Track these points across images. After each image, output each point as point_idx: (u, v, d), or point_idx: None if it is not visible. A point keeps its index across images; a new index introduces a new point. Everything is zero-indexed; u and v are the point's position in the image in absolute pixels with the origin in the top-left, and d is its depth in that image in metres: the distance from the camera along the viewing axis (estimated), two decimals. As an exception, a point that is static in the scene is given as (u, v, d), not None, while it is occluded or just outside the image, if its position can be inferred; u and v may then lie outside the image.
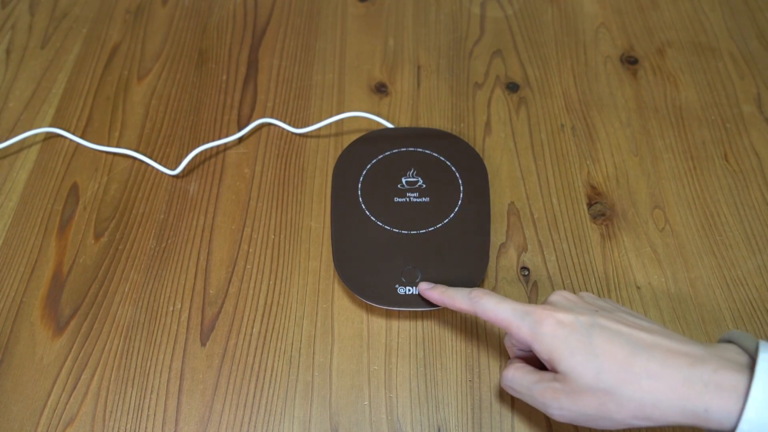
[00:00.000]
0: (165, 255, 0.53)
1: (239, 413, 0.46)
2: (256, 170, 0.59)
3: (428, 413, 0.46)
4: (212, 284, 0.52)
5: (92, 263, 0.53)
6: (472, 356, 0.48)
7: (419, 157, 0.57)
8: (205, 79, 0.65)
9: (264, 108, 0.63)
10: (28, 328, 0.49)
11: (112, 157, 0.59)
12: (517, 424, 0.45)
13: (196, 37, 0.69)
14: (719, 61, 0.67)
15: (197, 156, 0.59)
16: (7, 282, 0.52)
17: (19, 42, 0.69)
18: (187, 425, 0.45)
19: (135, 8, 0.72)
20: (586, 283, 0.52)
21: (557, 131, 0.61)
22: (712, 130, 0.61)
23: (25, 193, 0.57)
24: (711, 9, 0.72)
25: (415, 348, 0.49)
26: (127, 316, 0.50)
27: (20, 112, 0.63)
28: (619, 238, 0.54)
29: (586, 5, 0.72)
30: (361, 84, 0.65)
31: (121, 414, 0.46)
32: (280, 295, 0.51)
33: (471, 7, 0.72)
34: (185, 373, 0.48)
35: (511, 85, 0.65)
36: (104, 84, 0.65)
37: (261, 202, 0.56)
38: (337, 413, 0.46)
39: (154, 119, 0.62)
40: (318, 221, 0.55)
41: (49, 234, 0.54)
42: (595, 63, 0.67)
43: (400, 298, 0.49)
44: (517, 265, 0.53)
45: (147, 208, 0.56)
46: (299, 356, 0.48)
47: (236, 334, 0.49)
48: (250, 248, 0.54)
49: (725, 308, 0.50)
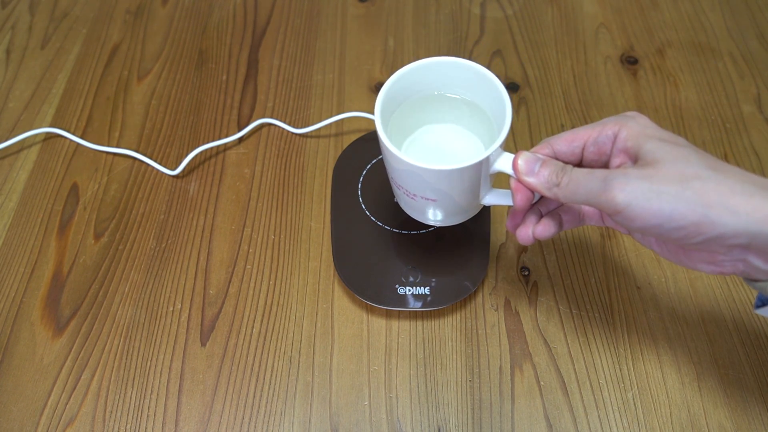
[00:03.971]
0: (165, 255, 0.53)
1: (239, 413, 0.46)
2: (256, 170, 0.59)
3: (428, 413, 0.46)
4: (212, 284, 0.52)
5: (92, 263, 0.53)
6: (472, 356, 0.48)
7: (419, 157, 0.57)
8: (205, 79, 0.65)
9: (264, 108, 0.63)
10: (28, 328, 0.49)
11: (112, 157, 0.59)
12: (517, 424, 0.45)
13: (196, 37, 0.69)
14: (719, 61, 0.67)
15: (197, 156, 0.59)
16: (7, 282, 0.52)
17: (19, 42, 0.69)
18: (187, 425, 0.45)
19: (135, 8, 0.72)
20: (586, 283, 0.52)
21: (557, 131, 0.61)
22: (712, 130, 0.61)
23: (25, 193, 0.57)
24: (711, 9, 0.72)
25: (415, 348, 0.49)
26: (127, 317, 0.50)
27: (20, 112, 0.63)
28: (619, 238, 0.54)
29: (586, 5, 0.72)
30: (361, 84, 0.65)
31: (121, 414, 0.46)
32: (280, 295, 0.51)
33: (471, 7, 0.72)
34: (185, 373, 0.48)
35: (511, 85, 0.65)
36: (104, 84, 0.65)
37: (261, 202, 0.56)
38: (337, 413, 0.46)
39: (154, 119, 0.62)
40: (318, 221, 0.55)
41: (49, 234, 0.54)
42: (595, 63, 0.67)
43: (400, 298, 0.49)
44: (517, 265, 0.53)
45: (147, 208, 0.56)
46: (299, 356, 0.48)
47: (236, 334, 0.49)
48: (250, 248, 0.54)
49: (725, 308, 0.50)
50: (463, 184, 0.41)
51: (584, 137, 0.38)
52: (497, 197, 0.44)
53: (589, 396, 0.46)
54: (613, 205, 0.34)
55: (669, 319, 0.50)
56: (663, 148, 0.34)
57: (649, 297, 0.51)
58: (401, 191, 0.45)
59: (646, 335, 0.49)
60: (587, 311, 0.50)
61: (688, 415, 0.45)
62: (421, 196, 0.43)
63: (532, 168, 0.38)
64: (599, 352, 0.48)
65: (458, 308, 0.50)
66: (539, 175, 0.37)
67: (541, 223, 0.41)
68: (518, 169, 0.38)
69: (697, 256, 0.36)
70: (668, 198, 0.32)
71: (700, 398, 0.46)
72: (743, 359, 0.48)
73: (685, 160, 0.33)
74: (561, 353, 0.48)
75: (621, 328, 0.49)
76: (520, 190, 0.39)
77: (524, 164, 0.38)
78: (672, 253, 0.38)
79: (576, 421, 0.45)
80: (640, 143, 0.35)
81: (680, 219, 0.32)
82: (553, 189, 0.37)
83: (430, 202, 0.44)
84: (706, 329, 0.49)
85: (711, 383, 0.47)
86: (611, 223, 0.41)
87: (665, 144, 0.34)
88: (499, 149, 0.39)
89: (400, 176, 0.43)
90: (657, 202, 0.33)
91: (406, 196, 0.45)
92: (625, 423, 0.45)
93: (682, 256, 0.37)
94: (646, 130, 0.35)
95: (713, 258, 0.35)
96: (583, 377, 0.47)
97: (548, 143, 0.39)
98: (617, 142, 0.36)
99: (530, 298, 0.51)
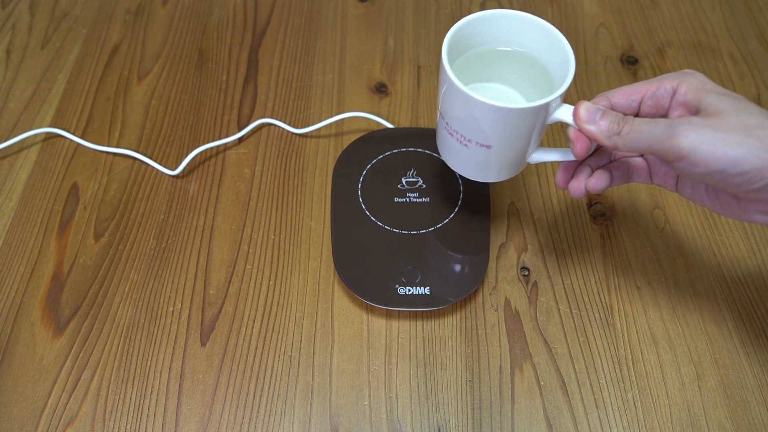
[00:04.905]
0: (165, 255, 0.53)
1: (239, 413, 0.46)
2: (256, 170, 0.59)
3: (428, 413, 0.46)
4: (212, 284, 0.52)
5: (92, 263, 0.53)
6: (472, 356, 0.48)
7: (419, 157, 0.57)
8: (205, 79, 0.65)
9: (264, 108, 0.63)
10: (28, 328, 0.49)
11: (112, 157, 0.59)
12: (517, 424, 0.45)
13: (196, 37, 0.69)
14: (719, 61, 0.67)
15: (197, 156, 0.59)
16: (7, 282, 0.52)
17: (19, 42, 0.69)
18: (187, 425, 0.45)
19: (135, 8, 0.72)
20: (586, 283, 0.52)
21: (558, 131, 0.61)
22: (712, 130, 0.61)
23: (25, 193, 0.57)
24: (711, 9, 0.72)
25: (415, 348, 0.49)
26: (127, 317, 0.50)
27: (20, 112, 0.63)
28: (619, 238, 0.54)
29: (586, 5, 0.72)
30: (361, 84, 0.65)
31: (121, 414, 0.46)
32: (280, 295, 0.51)
33: (471, 7, 0.72)
34: (185, 373, 0.48)
35: (511, 85, 0.65)
36: (104, 84, 0.65)
37: (261, 202, 0.56)
38: (337, 413, 0.46)
39: (154, 119, 0.62)
40: (318, 221, 0.55)
41: (49, 234, 0.54)
42: (595, 63, 0.67)
43: (400, 298, 0.49)
44: (517, 265, 0.53)
45: (147, 208, 0.56)
46: (299, 356, 0.48)
47: (236, 334, 0.49)
48: (250, 248, 0.54)
49: (725, 308, 0.50)
50: (520, 130, 0.42)
51: (642, 91, 0.39)
52: (546, 154, 0.46)
53: (589, 396, 0.46)
54: (677, 150, 0.35)
55: (669, 319, 0.50)
56: (725, 101, 0.35)
57: (649, 297, 0.51)
58: (454, 138, 0.45)
59: (646, 335, 0.49)
60: (587, 311, 0.50)
61: (688, 415, 0.45)
62: (476, 142, 0.43)
63: (594, 117, 0.39)
64: (599, 352, 0.48)
65: (458, 308, 0.50)
66: (600, 124, 0.38)
67: (594, 176, 0.42)
68: (580, 117, 0.39)
69: (753, 207, 0.37)
70: (733, 144, 0.34)
71: (700, 398, 0.46)
72: (743, 359, 0.48)
73: (747, 112, 0.35)
74: (561, 353, 0.48)
75: (621, 328, 0.49)
76: (581, 140, 0.40)
77: (585, 113, 0.39)
78: (724, 206, 0.39)
79: (576, 421, 0.45)
80: (701, 96, 0.36)
81: (744, 164, 0.34)
82: (613, 138, 0.38)
83: (484, 150, 0.44)
84: (706, 329, 0.49)
85: (711, 383, 0.47)
86: (660, 179, 0.43)
87: (726, 97, 0.36)
88: (560, 99, 0.41)
89: (460, 118, 0.43)
90: (722, 147, 0.34)
91: (459, 144, 0.45)
92: (625, 423, 0.45)
93: (736, 207, 0.38)
94: (705, 85, 0.37)
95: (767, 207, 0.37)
96: (583, 377, 0.47)
97: (605, 96, 0.40)
98: (677, 95, 0.38)
99: (530, 298, 0.51)
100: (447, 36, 0.43)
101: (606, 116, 0.39)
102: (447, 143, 0.47)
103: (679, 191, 0.42)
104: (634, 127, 0.37)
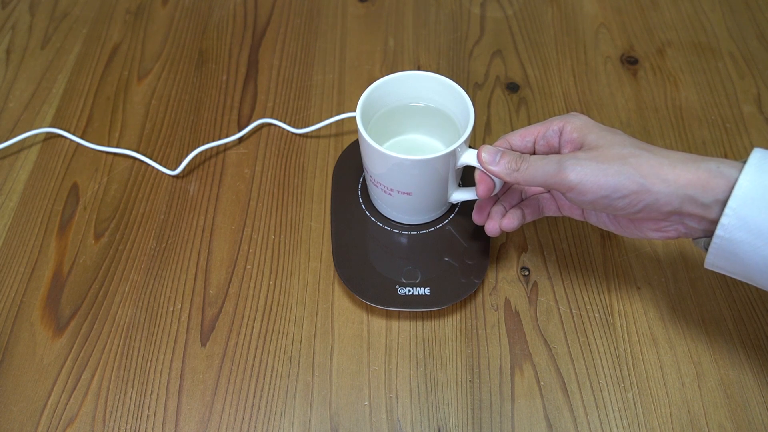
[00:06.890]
0: (165, 255, 0.53)
1: (239, 413, 0.46)
2: (256, 170, 0.59)
3: (428, 413, 0.46)
4: (212, 284, 0.52)
5: (92, 263, 0.53)
6: (472, 356, 0.48)
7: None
8: (205, 79, 0.65)
9: (264, 108, 0.63)
10: (28, 328, 0.49)
11: (112, 158, 0.59)
12: (517, 424, 0.45)
13: (196, 37, 0.69)
14: (719, 61, 0.67)
15: (197, 156, 0.59)
16: (7, 282, 0.52)
17: (19, 42, 0.69)
18: (187, 425, 0.45)
19: (135, 8, 0.72)
20: (586, 283, 0.52)
21: (557, 131, 0.61)
22: (712, 130, 0.61)
23: (25, 193, 0.57)
24: (711, 9, 0.72)
25: (415, 348, 0.49)
26: (127, 317, 0.50)
27: (20, 112, 0.63)
28: (619, 238, 0.54)
29: (586, 5, 0.72)
30: (361, 84, 0.65)
31: (121, 414, 0.46)
32: (280, 295, 0.51)
33: (471, 7, 0.72)
34: (185, 373, 0.48)
35: (511, 86, 0.65)
36: (104, 84, 0.65)
37: (261, 203, 0.56)
38: (337, 413, 0.46)
39: (154, 119, 0.62)
40: (318, 221, 0.55)
41: (49, 234, 0.54)
42: (595, 63, 0.67)
43: (400, 298, 0.49)
44: (517, 265, 0.53)
45: (147, 209, 0.56)
46: (299, 356, 0.48)
47: (236, 334, 0.49)
48: (250, 248, 0.54)
49: (725, 308, 0.50)
50: (433, 176, 0.47)
51: (535, 132, 0.44)
52: (463, 193, 0.50)
53: (589, 396, 0.46)
54: (567, 182, 0.39)
55: (669, 319, 0.50)
56: (603, 136, 0.41)
57: (649, 297, 0.51)
58: (379, 188, 0.49)
59: (646, 335, 0.49)
60: (587, 311, 0.50)
61: (688, 415, 0.45)
62: (397, 191, 0.48)
63: (494, 158, 0.43)
64: (599, 352, 0.48)
65: (458, 308, 0.50)
66: (500, 164, 0.43)
67: (507, 216, 0.46)
68: (482, 159, 0.44)
69: (646, 226, 0.41)
70: (612, 173, 0.38)
71: (700, 398, 0.46)
72: (743, 359, 0.48)
73: (621, 144, 0.40)
74: (561, 353, 0.48)
75: (621, 328, 0.49)
76: (483, 181, 0.45)
77: (487, 155, 0.43)
78: (624, 227, 0.43)
79: (576, 421, 0.45)
80: (584, 134, 0.41)
81: (623, 189, 0.38)
82: (513, 174, 0.42)
83: (405, 197, 0.48)
84: (706, 329, 0.49)
85: (711, 383, 0.47)
86: (567, 211, 0.47)
87: (605, 132, 0.41)
88: (464, 145, 0.46)
89: (380, 172, 0.47)
90: (603, 176, 0.39)
91: (383, 194, 0.49)
92: (625, 423, 0.45)
93: (633, 228, 0.43)
94: (587, 124, 0.42)
95: (658, 225, 0.41)
96: (583, 377, 0.47)
97: (505, 139, 0.45)
98: (563, 134, 0.43)
99: (530, 298, 0.51)
100: (360, 100, 0.48)
101: (505, 156, 0.43)
102: (374, 192, 0.52)
103: (587, 219, 0.46)
104: (530, 164, 0.42)
